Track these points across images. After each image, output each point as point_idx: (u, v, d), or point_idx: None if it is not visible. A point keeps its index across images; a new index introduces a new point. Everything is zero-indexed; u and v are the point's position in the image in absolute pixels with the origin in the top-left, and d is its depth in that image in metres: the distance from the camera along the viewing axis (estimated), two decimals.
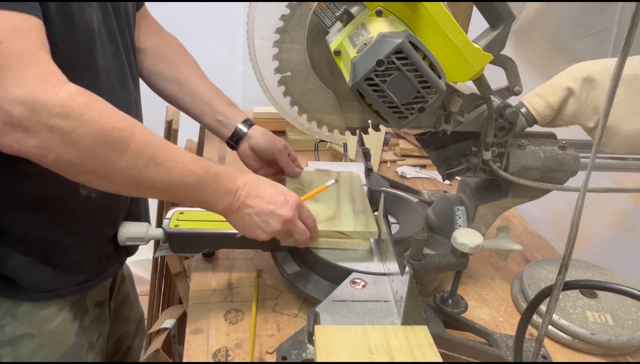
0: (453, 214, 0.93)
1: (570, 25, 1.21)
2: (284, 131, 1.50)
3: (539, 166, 0.86)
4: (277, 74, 0.77)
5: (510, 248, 0.92)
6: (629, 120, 0.80)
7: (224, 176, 0.71)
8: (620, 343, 0.79)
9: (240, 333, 0.79)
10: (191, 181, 0.67)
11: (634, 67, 0.78)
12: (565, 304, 0.85)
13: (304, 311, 0.84)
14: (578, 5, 1.18)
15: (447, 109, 0.79)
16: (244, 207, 0.72)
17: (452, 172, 0.88)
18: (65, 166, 0.60)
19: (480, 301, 0.92)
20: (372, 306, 0.72)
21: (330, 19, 0.70)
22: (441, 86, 0.61)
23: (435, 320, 0.76)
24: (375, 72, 0.59)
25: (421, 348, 0.62)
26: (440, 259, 0.75)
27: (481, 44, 0.70)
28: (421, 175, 1.42)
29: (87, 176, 0.62)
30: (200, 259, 0.97)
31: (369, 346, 0.62)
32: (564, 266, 0.51)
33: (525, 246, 1.12)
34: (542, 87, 0.84)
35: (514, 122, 0.82)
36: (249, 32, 0.77)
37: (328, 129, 0.82)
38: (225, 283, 0.91)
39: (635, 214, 1.22)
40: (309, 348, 0.69)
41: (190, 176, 0.66)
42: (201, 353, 0.76)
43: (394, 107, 0.63)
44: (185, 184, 0.66)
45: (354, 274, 0.79)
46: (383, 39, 0.59)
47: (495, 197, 0.90)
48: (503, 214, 0.97)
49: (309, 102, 0.80)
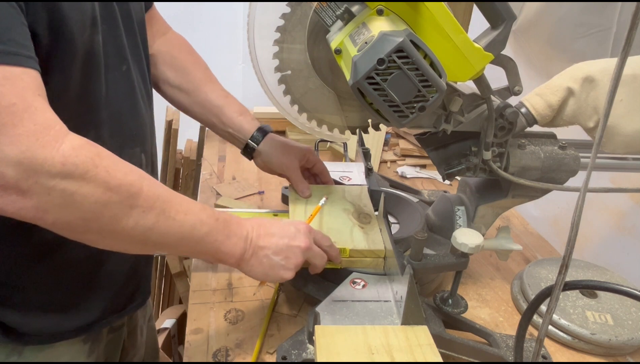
0: (453, 214, 0.93)
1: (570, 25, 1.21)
2: (284, 130, 1.50)
3: (539, 166, 0.86)
4: (278, 72, 0.77)
5: (510, 248, 0.92)
6: (629, 120, 0.80)
7: (232, 221, 0.67)
8: (620, 343, 0.79)
9: (240, 333, 0.79)
10: (203, 232, 0.63)
11: (634, 67, 0.78)
12: (565, 304, 0.85)
13: (304, 311, 0.84)
14: (578, 5, 1.18)
15: (448, 108, 0.79)
16: (259, 250, 0.68)
17: (452, 172, 0.88)
18: (65, 227, 0.55)
19: (481, 301, 0.92)
20: (372, 306, 0.72)
21: (331, 18, 0.70)
22: (442, 85, 0.61)
23: (436, 320, 0.76)
24: (376, 71, 0.59)
25: (421, 348, 0.62)
26: (440, 259, 0.75)
27: (482, 44, 0.70)
28: (421, 175, 1.42)
29: (90, 236, 0.57)
30: (200, 259, 0.97)
31: (369, 346, 0.62)
32: (565, 266, 0.51)
33: (525, 246, 1.12)
34: (542, 87, 0.84)
35: (514, 122, 0.82)
36: (249, 31, 0.77)
37: (328, 129, 0.82)
38: (225, 283, 0.91)
39: (634, 214, 1.22)
40: (309, 348, 0.69)
41: (201, 226, 0.62)
42: (201, 353, 0.75)
43: (394, 106, 0.62)
44: (197, 235, 0.62)
45: (354, 274, 0.79)
46: (384, 37, 0.59)
47: (496, 197, 0.90)
48: (503, 214, 0.97)
49: (309, 101, 0.80)
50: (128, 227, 0.56)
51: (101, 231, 0.56)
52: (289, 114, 0.82)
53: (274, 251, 0.68)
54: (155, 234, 0.59)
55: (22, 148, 0.49)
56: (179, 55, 0.95)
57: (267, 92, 0.80)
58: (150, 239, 0.59)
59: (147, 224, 0.57)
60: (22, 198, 0.50)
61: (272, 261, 0.68)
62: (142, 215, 0.57)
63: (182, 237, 0.61)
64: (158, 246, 0.61)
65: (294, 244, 0.69)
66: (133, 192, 0.56)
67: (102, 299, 0.79)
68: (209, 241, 0.64)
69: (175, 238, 0.61)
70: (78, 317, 0.76)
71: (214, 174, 1.32)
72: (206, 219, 0.63)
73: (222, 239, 0.65)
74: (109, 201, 0.54)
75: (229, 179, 1.30)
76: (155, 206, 0.58)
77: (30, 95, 0.51)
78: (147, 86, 0.81)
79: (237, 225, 0.67)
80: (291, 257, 0.69)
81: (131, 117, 0.75)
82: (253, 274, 0.70)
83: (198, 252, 0.65)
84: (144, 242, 0.60)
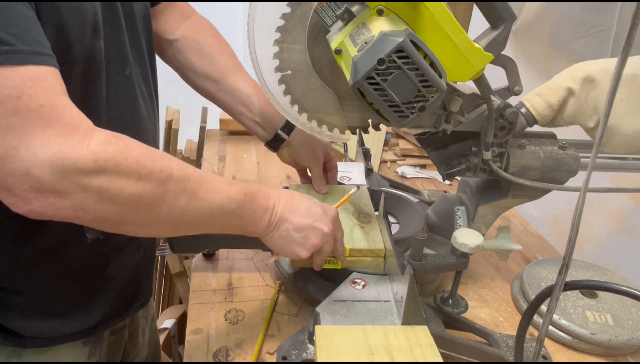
0: (453, 214, 0.93)
1: (570, 25, 1.21)
2: None
3: (539, 166, 0.86)
4: (278, 72, 0.77)
5: (510, 248, 0.92)
6: (629, 120, 0.80)
7: (259, 194, 0.67)
8: (620, 343, 0.79)
9: (241, 333, 0.79)
10: (232, 208, 0.63)
11: (634, 67, 0.78)
12: (565, 304, 0.85)
13: (304, 311, 0.84)
14: (578, 5, 1.18)
15: (448, 108, 0.79)
16: (282, 223, 0.68)
17: (452, 172, 0.88)
18: (104, 222, 0.56)
19: (481, 301, 0.92)
20: (372, 306, 0.72)
21: (331, 18, 0.70)
22: (442, 85, 0.61)
23: (436, 320, 0.76)
24: (376, 71, 0.59)
25: (421, 348, 0.62)
26: (441, 259, 0.75)
27: (482, 44, 0.70)
28: (421, 175, 1.42)
29: (127, 227, 0.58)
30: (200, 259, 0.97)
31: (369, 346, 0.62)
32: (565, 266, 0.51)
33: (525, 246, 1.12)
34: (542, 87, 0.84)
35: (514, 122, 0.82)
36: (249, 31, 0.77)
37: (328, 129, 0.82)
38: (225, 282, 0.91)
39: (635, 214, 1.22)
40: (309, 348, 0.69)
41: (230, 203, 0.63)
42: (201, 353, 0.75)
43: (394, 106, 0.62)
44: (226, 212, 0.63)
45: (354, 274, 0.79)
46: (384, 37, 0.59)
47: (496, 197, 0.90)
48: (503, 214, 0.97)
49: (309, 101, 0.80)
50: (163, 213, 0.57)
51: (138, 221, 0.57)
52: (289, 114, 0.82)
53: (295, 228, 0.69)
54: (188, 215, 0.59)
55: (54, 149, 0.49)
56: (205, 41, 0.93)
57: (267, 92, 0.80)
58: (183, 221, 0.60)
59: (179, 207, 0.58)
60: (60, 199, 0.50)
61: (291, 236, 0.69)
62: (175, 199, 0.57)
63: (212, 216, 0.62)
64: (190, 226, 0.63)
65: (317, 225, 0.70)
66: (164, 178, 0.56)
67: (104, 302, 0.79)
68: (236, 217, 0.65)
69: (205, 218, 0.62)
70: (79, 320, 0.76)
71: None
72: (235, 196, 0.64)
73: (248, 213, 0.66)
74: (142, 190, 0.54)
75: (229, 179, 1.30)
76: (186, 189, 0.58)
77: (56, 95, 0.52)
78: (150, 86, 0.80)
79: (265, 198, 0.68)
80: (310, 237, 0.69)
81: (132, 121, 0.75)
82: (272, 246, 0.71)
83: (226, 226, 0.66)
84: (177, 226, 0.61)
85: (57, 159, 0.49)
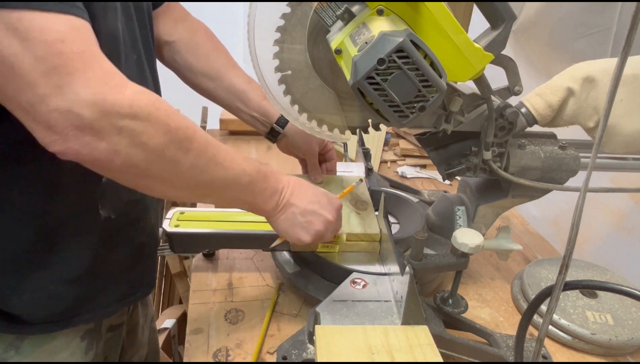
0: (453, 214, 0.93)
1: (570, 25, 1.21)
2: None
3: (539, 166, 0.86)
4: (278, 72, 0.77)
5: (510, 248, 0.92)
6: (629, 120, 0.80)
7: (271, 176, 0.70)
8: (620, 342, 0.79)
9: (241, 333, 0.79)
10: (245, 181, 0.66)
11: (634, 67, 0.78)
12: (565, 304, 0.85)
13: (304, 311, 0.84)
14: (578, 5, 1.18)
15: (448, 108, 0.79)
16: (289, 206, 0.71)
17: (452, 172, 0.88)
18: (130, 169, 0.57)
19: (481, 301, 0.92)
20: (372, 306, 0.72)
21: (331, 18, 0.70)
22: (442, 85, 0.61)
23: (436, 320, 0.76)
24: (377, 71, 0.59)
25: (421, 348, 0.62)
26: (441, 259, 0.75)
27: (482, 44, 0.70)
28: (421, 175, 1.42)
29: (148, 181, 0.60)
30: (200, 259, 0.97)
31: (369, 346, 0.62)
32: (565, 266, 0.51)
33: (525, 246, 1.12)
34: (542, 87, 0.84)
35: (514, 122, 0.82)
36: (249, 31, 0.77)
37: (328, 129, 0.82)
38: (225, 282, 0.91)
39: (634, 214, 1.22)
40: (310, 348, 0.69)
41: (244, 175, 0.66)
42: (201, 353, 0.75)
43: (394, 106, 0.62)
44: (239, 184, 0.66)
45: (354, 274, 0.79)
46: (384, 37, 0.59)
47: (496, 197, 0.90)
48: (503, 214, 0.97)
49: (310, 101, 0.80)
50: (184, 169, 0.59)
51: (160, 174, 0.59)
52: (289, 114, 0.82)
53: (301, 211, 0.72)
54: (205, 177, 0.62)
55: (95, 90, 0.52)
56: (201, 42, 0.96)
57: (267, 92, 0.81)
58: (201, 183, 0.62)
59: (199, 166, 0.61)
60: (96, 138, 0.53)
61: (296, 220, 0.72)
62: (196, 159, 0.60)
63: (227, 184, 0.65)
64: (206, 191, 0.65)
65: (322, 212, 0.73)
66: (189, 135, 0.59)
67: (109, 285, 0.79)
68: (248, 191, 0.67)
69: (221, 184, 0.64)
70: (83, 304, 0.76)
71: None
72: (249, 170, 0.66)
73: (259, 191, 0.68)
74: (170, 141, 0.57)
75: None
76: (207, 151, 0.61)
77: (94, 45, 0.55)
78: (155, 75, 0.83)
79: (275, 180, 0.71)
80: (314, 222, 0.72)
81: None
82: (277, 228, 0.73)
83: (237, 200, 0.68)
84: (194, 187, 0.63)
85: (98, 100, 0.52)
